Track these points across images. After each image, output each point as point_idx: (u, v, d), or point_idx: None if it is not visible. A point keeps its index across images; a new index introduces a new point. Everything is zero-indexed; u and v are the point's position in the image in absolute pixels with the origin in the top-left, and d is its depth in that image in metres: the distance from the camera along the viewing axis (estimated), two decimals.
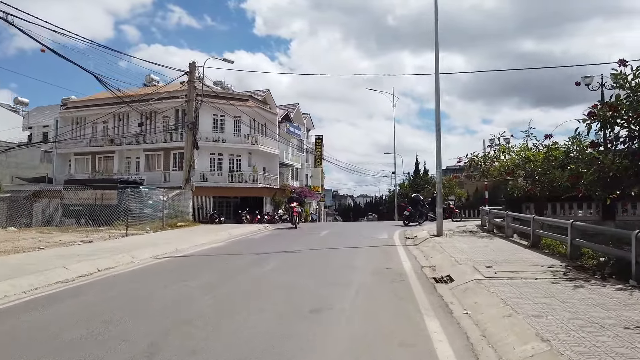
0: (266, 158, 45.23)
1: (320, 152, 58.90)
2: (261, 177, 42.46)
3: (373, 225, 24.67)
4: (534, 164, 15.26)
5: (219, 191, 40.49)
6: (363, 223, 28.21)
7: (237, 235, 18.04)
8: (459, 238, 14.44)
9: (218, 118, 41.80)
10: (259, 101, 45.07)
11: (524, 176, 15.57)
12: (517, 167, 15.66)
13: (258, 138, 42.73)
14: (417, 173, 51.05)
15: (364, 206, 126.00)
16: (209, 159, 41.30)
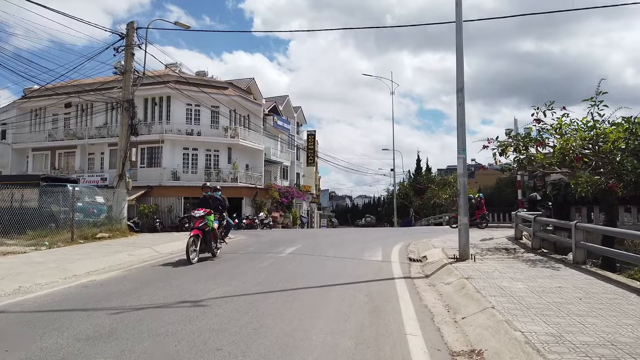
0: (249, 154, 39.59)
1: (313, 149, 53.25)
2: (243, 175, 36.83)
3: (365, 234, 18.98)
4: (610, 146, 9.63)
5: (194, 191, 34.89)
6: (354, 231, 22.46)
7: (149, 259, 12.06)
8: (497, 266, 8.79)
9: (192, 108, 36.17)
10: (240, 90, 39.42)
11: (597, 166, 9.96)
12: (584, 152, 10.04)
13: (239, 131, 37.07)
14: (419, 171, 45.51)
15: (362, 207, 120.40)
16: (181, 154, 35.66)
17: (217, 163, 36.64)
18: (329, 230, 20.57)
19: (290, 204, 37.73)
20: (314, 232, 20.19)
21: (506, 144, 11.58)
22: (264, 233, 20.82)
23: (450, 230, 20.40)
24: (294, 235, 18.25)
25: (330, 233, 19.00)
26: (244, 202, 34.90)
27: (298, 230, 27.50)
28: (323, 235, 17.64)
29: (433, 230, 20.80)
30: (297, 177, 52.49)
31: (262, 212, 33.93)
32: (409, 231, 21.43)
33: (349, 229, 33.54)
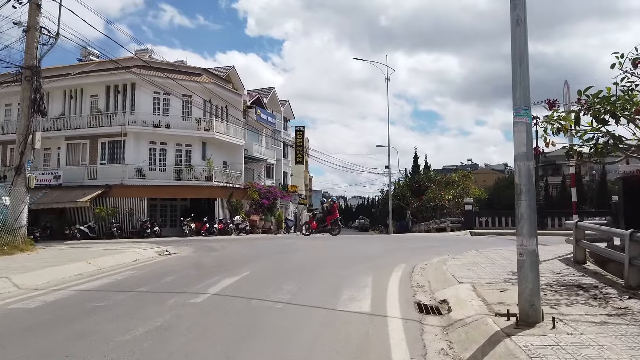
0: (227, 150, 34.80)
1: (302, 146, 48.54)
2: (219, 174, 32.04)
3: (354, 246, 14.23)
4: None
5: (161, 191, 30.11)
6: (342, 239, 17.63)
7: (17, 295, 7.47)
8: (609, 344, 4.11)
9: (161, 97, 31.36)
10: (217, 77, 34.64)
11: None
12: None
13: (214, 123, 32.32)
14: (417, 169, 40.93)
15: (356, 208, 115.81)
16: (147, 149, 30.82)
17: (189, 159, 31.83)
18: (309, 241, 15.89)
19: (273, 205, 33.02)
20: (287, 244, 15.45)
21: (575, 111, 6.87)
22: (226, 244, 16.09)
23: (462, 239, 15.78)
24: (259, 248, 13.56)
25: (308, 245, 14.37)
26: (217, 204, 30.10)
27: (274, 238, 22.76)
28: (295, 250, 12.90)
29: (440, 240, 16.16)
30: (284, 176, 47.76)
31: (239, 215, 29.17)
32: (409, 240, 16.77)
33: (337, 236, 29.11)
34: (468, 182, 26.63)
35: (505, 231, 21.90)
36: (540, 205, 22.45)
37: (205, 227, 27.52)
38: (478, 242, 14.95)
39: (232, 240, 18.27)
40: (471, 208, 23.50)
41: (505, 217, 23.09)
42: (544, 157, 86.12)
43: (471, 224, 23.34)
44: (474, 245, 13.52)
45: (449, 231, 24.54)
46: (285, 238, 21.87)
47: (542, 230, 21.12)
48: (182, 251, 13.31)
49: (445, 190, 27.31)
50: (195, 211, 30.37)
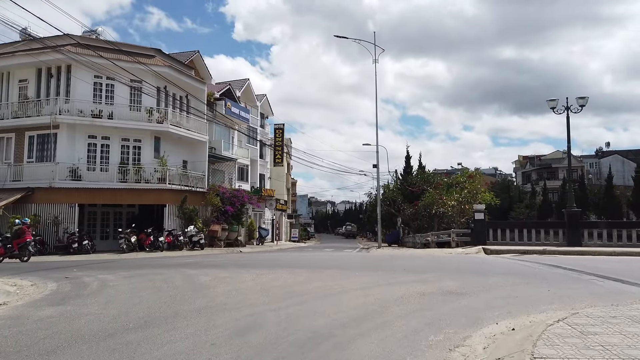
0: (188, 147, 28.97)
1: (281, 146, 42.78)
2: (175, 175, 26.20)
3: (330, 274, 8.55)
4: None
5: (100, 195, 24.12)
6: (315, 256, 12.07)
7: None
8: None
9: (103, 82, 25.47)
10: (175, 61, 28.83)
11: None
12: None
13: (169, 114, 26.50)
14: (409, 170, 35.32)
15: (343, 214, 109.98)
16: (85, 144, 24.88)
17: (137, 157, 25.92)
18: (268, 257, 10.36)
19: (240, 212, 27.19)
20: (231, 262, 9.86)
21: None
22: (129, 275, 10.34)
23: (487, 264, 10.13)
24: (166, 289, 7.88)
25: (256, 263, 8.88)
26: (166, 211, 24.18)
27: (227, 256, 17.09)
28: (217, 284, 7.23)
29: (453, 268, 10.53)
30: (261, 179, 41.95)
31: (193, 225, 23.29)
32: (402, 271, 11.11)
33: (314, 250, 23.51)
34: (477, 184, 21.06)
35: (532, 248, 16.34)
36: (575, 213, 16.96)
37: (149, 241, 21.67)
38: (527, 275, 9.35)
39: (155, 268, 12.43)
40: (483, 217, 17.96)
41: (527, 230, 17.52)
42: (539, 161, 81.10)
43: (483, 238, 17.76)
44: (537, 283, 7.96)
45: (454, 247, 18.93)
46: (238, 255, 16.08)
47: (580, 248, 15.60)
48: (18, 296, 7.56)
49: (448, 195, 21.73)
50: (145, 220, 24.52)
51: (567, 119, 17.09)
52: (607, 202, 46.22)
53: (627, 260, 13.36)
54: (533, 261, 12.73)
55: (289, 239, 47.67)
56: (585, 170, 69.66)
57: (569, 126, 17.07)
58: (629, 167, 71.91)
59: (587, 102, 16.82)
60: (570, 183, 18.09)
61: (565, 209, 17.24)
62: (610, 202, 46.03)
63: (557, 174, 73.81)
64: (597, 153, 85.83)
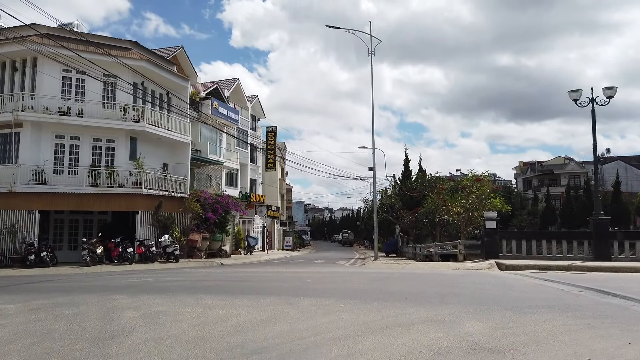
0: (168, 148, 26.53)
1: (274, 150, 40.28)
2: (153, 179, 23.69)
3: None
4: None
5: (67, 201, 21.52)
6: (296, 274, 9.36)
7: None
8: None
9: (73, 77, 23.08)
10: (155, 55, 26.40)
11: None
12: None
13: (146, 112, 24.01)
14: (408, 175, 32.75)
15: (340, 221, 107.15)
16: (52, 144, 22.41)
17: (111, 159, 23.43)
18: (243, 275, 7.87)
19: (224, 220, 24.63)
20: (190, 284, 7.50)
21: None
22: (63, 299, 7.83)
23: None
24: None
25: (220, 285, 6.48)
26: (139, 219, 21.58)
27: (196, 272, 14.62)
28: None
29: (501, 299, 8.07)
30: (252, 185, 39.41)
31: (168, 234, 20.68)
32: (422, 289, 8.65)
33: (303, 263, 21.26)
34: (485, 189, 18.48)
35: (554, 263, 13.78)
36: (604, 222, 14.41)
37: (117, 252, 19.09)
38: (575, 307, 6.87)
39: (84, 293, 9.88)
40: (495, 226, 15.43)
41: (547, 241, 14.94)
42: (540, 167, 78.65)
43: (495, 251, 15.21)
44: (600, 324, 5.53)
45: (461, 260, 16.36)
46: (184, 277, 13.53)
47: (611, 263, 13.09)
48: None
49: (452, 200, 19.16)
50: (118, 229, 21.98)
51: (592, 112, 14.61)
52: (615, 208, 43.74)
53: None
54: (564, 281, 10.18)
55: (282, 247, 45.04)
56: (589, 176, 67.22)
57: (594, 120, 14.60)
58: (632, 173, 69.65)
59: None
60: (596, 188, 15.56)
61: (592, 217, 14.70)
62: (618, 209, 43.60)
63: (559, 180, 71.41)
64: (598, 159, 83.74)
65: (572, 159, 77.41)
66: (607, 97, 14.47)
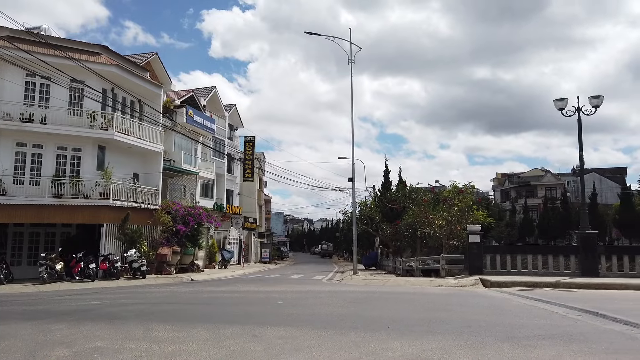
0: (139, 158, 25.24)
1: (252, 160, 39.18)
2: (122, 189, 22.37)
3: None
4: None
5: (24, 213, 20.02)
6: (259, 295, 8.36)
7: None
8: None
9: (37, 82, 21.73)
10: (125, 61, 25.23)
11: None
12: None
13: (115, 120, 22.75)
14: (388, 185, 32.03)
15: (319, 232, 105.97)
16: (13, 152, 20.99)
17: (77, 168, 22.06)
18: (208, 295, 7.01)
19: (196, 232, 23.43)
20: (128, 309, 6.62)
21: None
22: None
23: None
24: None
25: (173, 311, 5.59)
26: (104, 232, 20.25)
27: (151, 294, 13.51)
28: None
29: (494, 327, 7.22)
30: (229, 196, 38.20)
31: (135, 249, 19.39)
32: (405, 314, 7.84)
33: (277, 280, 20.45)
34: (468, 201, 17.81)
35: (541, 280, 13.07)
36: (591, 236, 13.78)
37: (79, 268, 17.75)
38: (576, 338, 6.07)
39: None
40: (478, 240, 14.70)
41: (532, 256, 14.24)
42: (517, 178, 79.17)
43: (480, 266, 14.46)
44: None
45: (443, 276, 15.52)
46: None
47: (599, 280, 12.46)
48: None
49: (434, 213, 18.43)
50: (84, 243, 20.61)
51: (578, 122, 14.06)
52: (593, 220, 43.80)
53: None
54: (556, 302, 9.42)
55: (259, 260, 43.77)
56: (565, 187, 67.82)
57: (580, 129, 14.04)
58: (606, 185, 70.56)
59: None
60: (583, 200, 14.98)
61: (579, 231, 14.09)
62: (595, 221, 43.66)
63: (536, 192, 71.88)
64: (574, 171, 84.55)
65: (548, 171, 78.17)
66: (593, 106, 13.97)
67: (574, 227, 49.67)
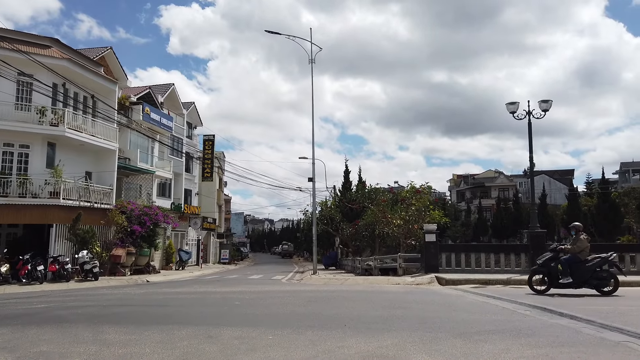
0: (92, 156, 24.42)
1: (211, 159, 38.58)
2: (73, 188, 21.52)
3: None
4: None
5: None
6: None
7: None
8: None
9: None
10: (77, 55, 24.31)
11: None
12: None
13: (67, 116, 21.87)
14: (348, 186, 32.34)
15: (280, 232, 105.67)
16: None
17: (24, 166, 21.09)
18: (161, 297, 6.91)
19: (153, 233, 22.85)
20: (48, 314, 6.08)
21: None
22: None
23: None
24: None
25: (123, 313, 5.48)
26: (53, 233, 19.44)
27: (93, 296, 13.09)
28: None
29: (448, 322, 7.35)
30: (187, 195, 37.45)
31: (87, 250, 18.70)
32: (363, 312, 7.88)
33: (237, 280, 20.33)
34: (425, 201, 18.24)
35: (494, 277, 13.51)
36: (540, 234, 14.37)
37: (26, 270, 16.94)
38: (524, 333, 6.29)
39: None
40: (434, 239, 15.06)
41: (485, 254, 14.74)
42: (472, 180, 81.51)
43: (435, 264, 14.80)
44: (558, 354, 4.90)
45: (401, 274, 15.83)
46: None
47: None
48: None
49: (392, 213, 18.77)
50: (32, 244, 19.67)
51: (529, 125, 14.66)
52: (542, 220, 45.74)
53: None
54: (507, 298, 9.77)
55: (218, 261, 43.15)
56: (517, 189, 70.39)
57: (530, 132, 14.64)
58: (555, 187, 73.75)
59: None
60: (532, 201, 15.58)
61: (528, 230, 14.67)
62: (545, 220, 45.60)
63: (490, 193, 74.32)
64: (525, 173, 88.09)
65: (501, 173, 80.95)
66: (543, 110, 14.58)
67: (525, 227, 51.66)
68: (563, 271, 10.52)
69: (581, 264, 10.44)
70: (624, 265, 12.80)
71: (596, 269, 10.35)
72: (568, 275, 10.42)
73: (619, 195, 42.75)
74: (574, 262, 10.51)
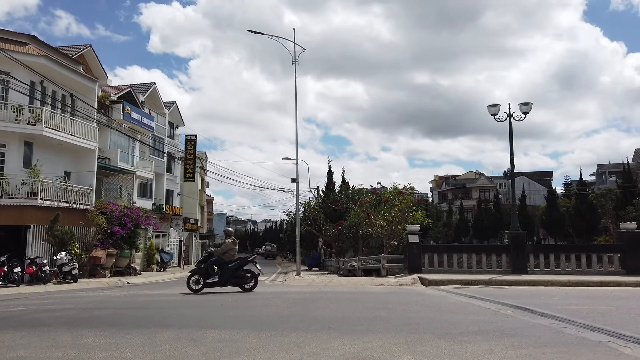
0: (71, 155, 23.98)
1: (193, 159, 38.20)
2: (51, 189, 21.09)
3: None
4: None
5: None
6: None
7: None
8: None
9: None
10: (56, 52, 23.85)
11: None
12: None
13: (45, 115, 21.42)
14: (331, 186, 32.33)
15: (263, 233, 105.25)
16: None
17: (0, 165, 20.61)
18: (135, 300, 6.97)
19: (133, 234, 22.51)
20: None
21: None
22: None
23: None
24: None
25: (97, 318, 5.34)
26: (30, 234, 19.01)
27: (72, 299, 12.81)
28: None
29: (431, 322, 7.39)
30: (169, 196, 37.03)
31: (66, 251, 18.32)
32: (348, 313, 7.85)
33: None
34: (407, 202, 18.36)
35: (476, 277, 13.64)
36: (520, 235, 14.59)
37: (2, 272, 16.52)
38: (507, 333, 6.36)
39: None
40: (417, 240, 15.16)
41: (467, 255, 14.89)
42: (454, 181, 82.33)
43: (418, 264, 14.90)
44: (540, 355, 4.94)
45: (384, 275, 15.89)
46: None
47: (528, 277, 13.21)
48: None
49: (376, 213, 18.83)
50: (7, 245, 19.16)
51: (509, 127, 14.87)
52: (522, 220, 46.48)
53: (593, 294, 10.98)
54: (489, 298, 9.87)
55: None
56: (498, 190, 71.31)
57: (511, 134, 14.84)
58: (534, 188, 74.96)
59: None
60: (513, 202, 15.81)
61: (509, 231, 14.88)
62: (524, 221, 46.34)
63: (471, 194, 75.20)
64: (505, 174, 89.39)
65: (482, 174, 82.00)
66: (523, 112, 14.79)
67: (505, 227, 52.36)
68: (211, 271, 11.54)
69: (225, 265, 11.59)
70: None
71: (236, 269, 11.61)
72: (215, 275, 11.52)
73: (596, 197, 43.62)
74: (220, 264, 11.60)
